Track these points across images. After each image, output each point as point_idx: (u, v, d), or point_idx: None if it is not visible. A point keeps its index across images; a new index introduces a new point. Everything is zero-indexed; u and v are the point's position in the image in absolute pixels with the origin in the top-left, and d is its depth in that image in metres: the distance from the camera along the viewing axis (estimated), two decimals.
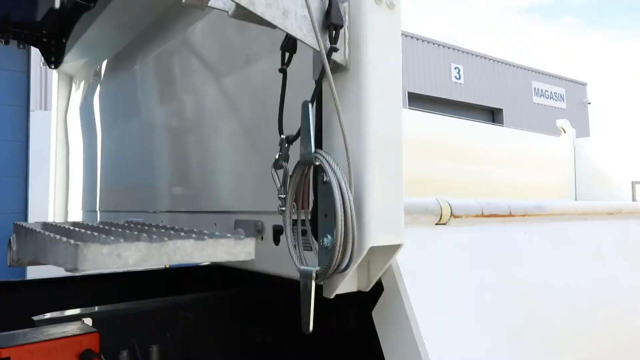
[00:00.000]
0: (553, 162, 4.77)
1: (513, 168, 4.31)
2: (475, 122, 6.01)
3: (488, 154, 4.15)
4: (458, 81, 17.65)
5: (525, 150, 4.50)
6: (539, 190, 4.48)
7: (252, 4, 0.98)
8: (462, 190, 3.83)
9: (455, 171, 3.88)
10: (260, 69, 1.67)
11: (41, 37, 3.68)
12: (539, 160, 4.61)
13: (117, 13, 2.84)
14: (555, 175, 4.79)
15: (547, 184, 4.67)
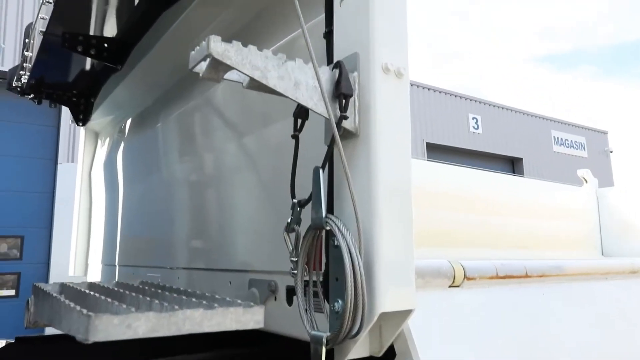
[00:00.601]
0: (576, 213, 4.68)
1: (534, 219, 4.25)
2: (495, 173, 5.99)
3: (508, 205, 4.11)
4: (476, 131, 17.71)
5: (546, 201, 4.44)
6: (562, 242, 4.39)
7: (265, 77, 1.03)
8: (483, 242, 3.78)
9: (475, 223, 3.83)
10: (277, 131, 1.72)
11: (71, 97, 3.87)
12: (561, 211, 4.53)
13: (143, 75, 2.99)
14: (579, 226, 4.69)
15: (570, 236, 4.56)
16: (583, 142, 21.58)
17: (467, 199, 3.90)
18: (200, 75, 1.07)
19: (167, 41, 2.56)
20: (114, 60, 3.03)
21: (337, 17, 1.28)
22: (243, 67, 1.00)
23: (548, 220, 4.41)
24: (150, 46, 2.71)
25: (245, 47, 1.02)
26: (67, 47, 2.91)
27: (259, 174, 1.89)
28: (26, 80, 3.65)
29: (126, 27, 2.75)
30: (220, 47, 0.98)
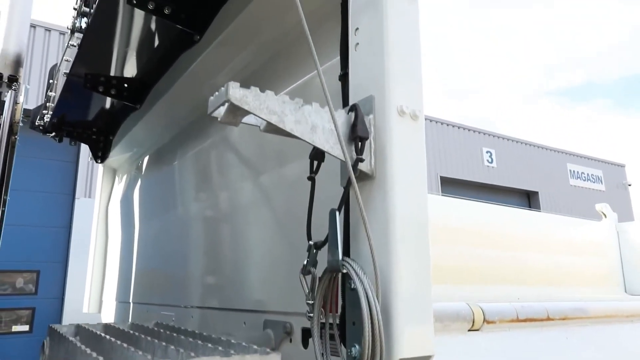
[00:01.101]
0: (596, 248, 4.58)
1: (553, 255, 4.16)
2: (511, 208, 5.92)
3: (526, 240, 4.04)
4: (490, 165, 17.63)
5: (565, 236, 4.36)
6: (583, 278, 4.28)
7: (282, 122, 1.05)
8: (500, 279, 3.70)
9: (492, 258, 3.77)
10: (293, 170, 1.73)
11: (91, 135, 3.96)
12: (580, 246, 4.44)
13: (160, 113, 3.06)
14: (600, 262, 4.58)
15: (591, 272, 4.45)
16: (600, 175, 21.32)
17: (484, 234, 3.85)
18: (219, 119, 1.09)
19: (185, 81, 2.63)
20: (133, 99, 3.11)
21: (353, 61, 1.30)
22: (260, 112, 1.02)
23: (567, 256, 4.31)
24: (169, 86, 2.78)
25: (262, 92, 1.05)
26: (89, 88, 3.00)
27: (275, 213, 1.89)
28: (48, 119, 3.76)
29: (146, 68, 2.83)
30: (239, 92, 1.00)
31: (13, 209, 3.35)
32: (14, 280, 8.37)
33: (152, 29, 2.44)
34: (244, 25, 2.11)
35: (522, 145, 19.13)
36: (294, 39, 1.92)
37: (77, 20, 2.55)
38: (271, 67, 2.15)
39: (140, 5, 2.16)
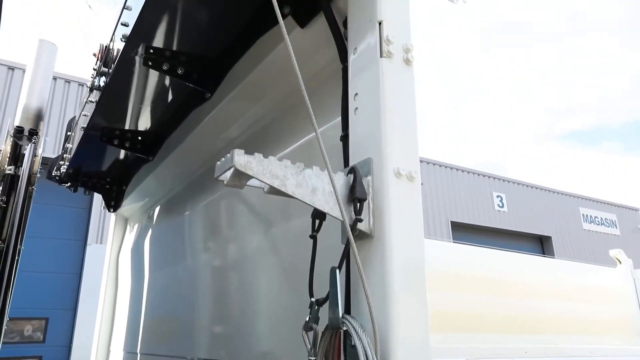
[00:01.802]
0: (612, 296, 4.49)
1: (567, 302, 4.09)
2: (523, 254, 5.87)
3: (538, 287, 3.99)
4: (501, 209, 17.53)
5: (579, 283, 4.29)
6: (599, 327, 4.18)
7: (284, 185, 1.12)
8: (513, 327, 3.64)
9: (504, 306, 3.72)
10: (299, 224, 1.79)
11: (104, 185, 4.07)
12: (595, 293, 4.36)
13: (172, 165, 3.16)
14: (616, 310, 4.48)
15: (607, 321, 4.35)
16: (614, 219, 21.05)
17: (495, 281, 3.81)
18: (225, 183, 1.16)
19: (197, 135, 2.73)
20: (147, 151, 3.23)
21: (352, 124, 1.38)
22: (263, 176, 1.09)
23: (582, 303, 4.23)
24: (181, 139, 2.89)
25: (266, 158, 1.12)
26: (105, 141, 3.12)
27: (282, 265, 1.93)
28: (65, 169, 3.88)
29: (159, 122, 2.96)
30: (243, 159, 1.07)
31: (25, 255, 3.42)
32: (22, 328, 8.35)
33: (166, 86, 2.57)
34: (254, 83, 2.22)
35: (533, 190, 19.06)
36: (308, 89, 2.01)
37: (96, 80, 2.69)
38: (282, 122, 2.24)
39: (156, 66, 2.29)
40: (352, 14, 1.49)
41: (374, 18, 1.37)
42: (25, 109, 3.65)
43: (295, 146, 2.01)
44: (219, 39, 2.22)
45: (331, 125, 1.74)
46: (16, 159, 3.48)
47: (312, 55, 1.85)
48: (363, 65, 1.38)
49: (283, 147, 2.11)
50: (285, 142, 2.08)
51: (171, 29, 2.19)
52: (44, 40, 3.86)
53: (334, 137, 1.56)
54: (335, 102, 1.69)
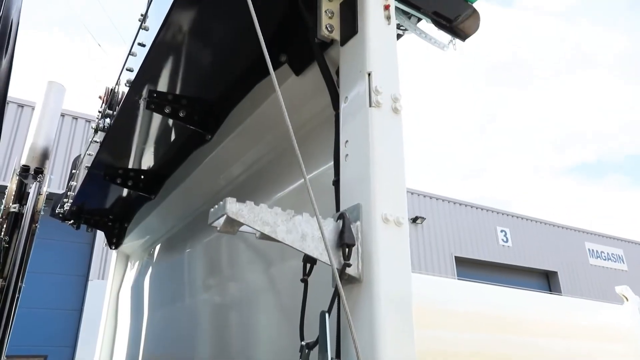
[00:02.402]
0: (619, 334, 4.42)
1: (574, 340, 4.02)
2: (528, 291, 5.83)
3: (544, 325, 3.94)
4: (505, 244, 17.41)
5: (585, 321, 4.24)
6: None
7: (274, 232, 1.16)
8: None
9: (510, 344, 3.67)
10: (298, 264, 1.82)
11: (107, 222, 4.12)
12: (602, 331, 4.29)
13: (174, 204, 3.21)
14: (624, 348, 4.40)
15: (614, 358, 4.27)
16: (621, 254, 20.82)
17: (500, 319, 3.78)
18: (218, 229, 1.20)
19: (199, 174, 2.79)
20: (149, 190, 3.29)
21: (343, 170, 1.43)
22: (254, 223, 1.13)
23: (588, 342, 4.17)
24: (183, 178, 2.95)
25: (257, 205, 1.16)
26: (108, 180, 3.19)
27: (281, 305, 1.95)
28: (68, 207, 3.94)
29: (161, 161, 3.03)
30: (235, 207, 1.12)
31: (25, 292, 3.43)
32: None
33: (168, 128, 2.65)
34: (253, 126, 2.29)
35: (538, 224, 18.96)
36: (303, 135, 2.06)
37: (101, 121, 2.78)
38: (280, 162, 2.29)
39: (158, 110, 2.37)
40: (343, 64, 1.56)
41: (363, 69, 1.44)
42: (32, 148, 3.75)
43: (293, 187, 2.06)
44: (220, 84, 2.30)
45: (326, 168, 1.80)
46: (21, 197, 3.55)
47: (308, 100, 1.92)
48: (353, 113, 1.44)
49: (281, 187, 2.16)
50: (284, 182, 2.13)
51: (174, 74, 2.28)
52: (53, 82, 3.99)
53: (329, 180, 1.60)
54: (328, 147, 1.75)
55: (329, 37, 1.60)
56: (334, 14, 1.63)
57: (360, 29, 1.50)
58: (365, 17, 1.50)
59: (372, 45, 1.46)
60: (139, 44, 2.24)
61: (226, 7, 1.87)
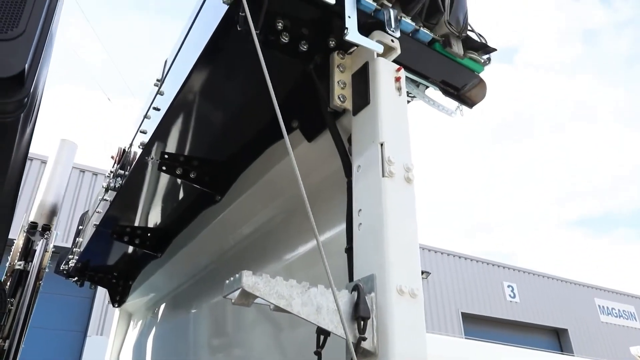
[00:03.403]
0: None
1: None
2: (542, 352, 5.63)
3: None
4: (513, 300, 17.03)
5: None
6: None
7: (289, 305, 1.15)
8: None
9: None
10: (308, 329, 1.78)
11: (111, 279, 4.08)
12: None
13: (181, 262, 3.19)
14: None
15: None
16: (632, 311, 20.28)
17: None
18: (233, 302, 1.19)
19: (206, 234, 2.79)
20: (155, 248, 3.28)
21: (356, 239, 1.43)
22: (270, 297, 1.13)
23: None
24: (191, 237, 2.94)
25: (273, 278, 1.16)
26: (115, 238, 3.19)
27: None
28: (73, 264, 3.92)
29: (169, 220, 3.04)
30: (251, 280, 1.12)
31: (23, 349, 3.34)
32: None
33: (178, 188, 2.68)
34: (263, 188, 2.31)
35: (545, 279, 18.62)
36: (312, 199, 2.07)
37: (113, 181, 2.81)
38: (290, 224, 2.28)
39: (170, 171, 2.41)
40: (356, 133, 1.60)
41: (376, 139, 1.47)
42: (41, 205, 3.77)
43: (302, 250, 2.05)
44: (231, 146, 2.35)
45: (337, 233, 1.80)
46: (27, 254, 3.54)
47: (319, 165, 1.95)
48: (366, 183, 1.46)
49: (290, 250, 2.15)
50: (293, 244, 2.13)
51: (186, 137, 2.34)
52: (66, 140, 4.07)
53: (340, 245, 1.60)
54: (337, 212, 1.76)
55: (342, 107, 1.65)
56: (346, 85, 1.68)
57: (372, 100, 1.55)
58: (377, 88, 1.55)
59: (384, 116, 1.50)
60: (154, 108, 2.31)
61: (241, 74, 1.94)
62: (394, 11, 1.67)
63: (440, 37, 1.80)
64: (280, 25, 1.62)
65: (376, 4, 1.63)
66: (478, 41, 1.87)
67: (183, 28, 2.24)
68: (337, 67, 1.70)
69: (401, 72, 1.62)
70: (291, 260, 2.15)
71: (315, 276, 1.84)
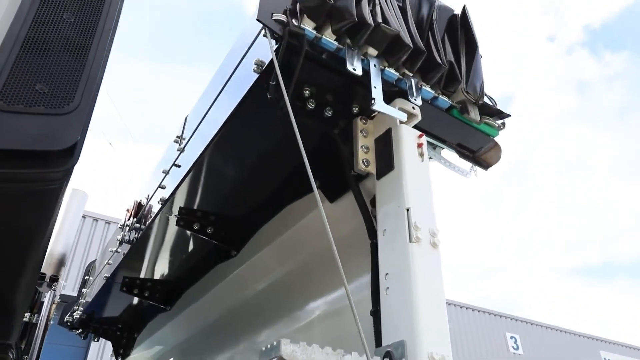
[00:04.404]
0: None
1: None
2: None
3: None
4: (516, 352, 16.63)
5: None
6: None
7: None
8: None
9: None
10: None
11: (115, 332, 4.02)
12: None
13: (190, 316, 3.16)
14: None
15: None
16: None
17: None
18: None
19: (219, 289, 2.79)
20: (165, 301, 3.26)
21: (384, 303, 1.45)
22: None
23: None
24: (203, 292, 2.93)
25: (309, 346, 1.17)
26: (125, 291, 3.17)
27: None
28: (78, 315, 3.87)
29: (181, 274, 3.03)
30: (289, 348, 1.13)
31: None
32: None
33: (194, 242, 2.70)
34: (282, 245, 2.34)
35: (549, 330, 18.27)
36: (330, 258, 2.08)
37: (127, 234, 2.84)
38: (311, 279, 2.28)
39: (187, 226, 2.44)
40: (380, 197, 1.64)
41: (402, 205, 1.51)
42: (50, 255, 3.76)
43: (321, 310, 2.06)
44: (250, 203, 2.39)
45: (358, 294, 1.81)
46: (34, 306, 3.50)
47: (338, 226, 1.98)
48: (393, 247, 1.49)
49: (308, 308, 2.15)
50: (311, 303, 2.13)
51: (205, 193, 2.38)
52: (77, 190, 4.11)
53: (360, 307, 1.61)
54: (357, 272, 1.78)
55: (365, 171, 1.71)
56: (369, 149, 1.75)
57: (396, 166, 1.60)
58: (401, 154, 1.61)
59: (410, 181, 1.55)
60: (175, 165, 2.37)
61: (264, 136, 2.01)
62: (415, 80, 1.76)
63: (457, 104, 1.88)
64: (307, 93, 1.70)
65: (398, 74, 1.72)
66: (493, 107, 1.96)
67: (207, 90, 2.34)
68: (360, 132, 1.77)
69: (423, 138, 1.69)
70: (307, 321, 2.14)
71: (334, 339, 1.84)
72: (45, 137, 1.12)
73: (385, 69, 1.68)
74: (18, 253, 1.40)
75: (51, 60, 1.21)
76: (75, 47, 1.26)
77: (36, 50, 1.20)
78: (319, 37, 1.59)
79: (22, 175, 1.16)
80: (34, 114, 1.13)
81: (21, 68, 1.16)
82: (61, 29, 1.26)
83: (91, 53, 1.27)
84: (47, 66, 1.19)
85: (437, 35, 1.83)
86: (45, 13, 1.26)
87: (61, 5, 1.29)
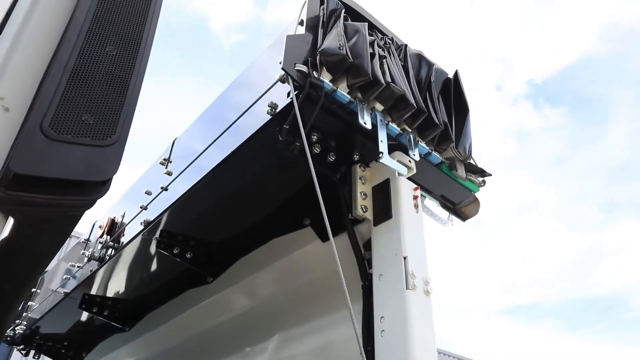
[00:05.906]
0: None
1: None
2: None
3: None
4: None
5: None
6: None
7: None
8: None
9: None
10: None
11: (60, 349, 3.83)
12: None
13: (150, 339, 3.09)
14: None
15: None
16: None
17: None
18: None
19: (190, 314, 2.76)
20: (124, 322, 3.17)
21: (378, 345, 1.53)
22: None
23: None
24: (171, 315, 2.88)
25: None
26: (83, 308, 3.07)
27: None
28: (21, 331, 3.67)
29: (148, 295, 2.97)
30: None
31: None
32: None
33: (168, 266, 2.68)
34: (265, 276, 2.37)
35: None
36: (320, 294, 2.13)
37: (99, 252, 2.77)
38: (291, 312, 2.31)
39: (167, 249, 2.43)
40: (377, 243, 1.75)
41: (399, 252, 1.62)
42: None
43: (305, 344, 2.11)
44: (234, 232, 2.42)
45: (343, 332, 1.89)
46: None
47: (326, 264, 2.06)
48: (389, 293, 1.59)
49: (289, 342, 2.20)
50: (293, 338, 2.18)
51: (191, 219, 2.39)
52: None
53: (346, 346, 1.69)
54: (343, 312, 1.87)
55: (363, 217, 1.81)
56: (367, 196, 1.86)
57: (394, 215, 1.72)
58: (399, 204, 1.73)
59: (407, 231, 1.67)
60: (161, 187, 2.38)
61: (259, 171, 2.06)
62: (413, 135, 1.90)
63: (447, 159, 2.04)
64: (314, 138, 1.79)
65: (399, 129, 1.85)
66: (476, 166, 2.13)
67: (201, 118, 2.38)
68: (359, 179, 1.88)
69: (418, 191, 1.82)
70: (286, 355, 2.18)
71: None
72: (89, 167, 1.15)
73: (389, 123, 1.81)
74: (27, 275, 1.39)
75: (95, 91, 1.25)
76: (117, 79, 1.30)
77: (82, 81, 1.23)
78: (334, 90, 1.70)
79: (57, 201, 1.18)
80: (80, 145, 1.16)
81: (69, 98, 1.19)
82: (105, 61, 1.30)
83: (131, 86, 1.31)
84: (92, 97, 1.23)
85: (434, 96, 1.99)
86: (91, 44, 1.30)
87: (105, 38, 1.34)
